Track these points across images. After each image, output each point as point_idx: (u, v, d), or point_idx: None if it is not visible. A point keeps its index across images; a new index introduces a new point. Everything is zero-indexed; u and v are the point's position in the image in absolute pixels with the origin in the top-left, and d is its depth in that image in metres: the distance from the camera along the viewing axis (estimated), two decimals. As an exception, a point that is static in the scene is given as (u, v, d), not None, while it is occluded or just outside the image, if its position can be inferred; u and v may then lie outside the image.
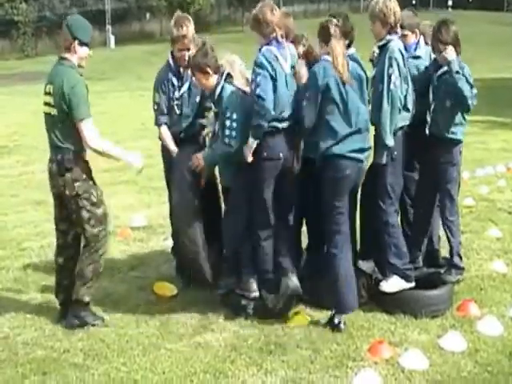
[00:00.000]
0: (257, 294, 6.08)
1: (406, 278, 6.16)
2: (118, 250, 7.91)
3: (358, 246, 6.53)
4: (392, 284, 6.16)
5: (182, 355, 5.42)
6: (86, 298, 5.89)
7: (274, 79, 5.65)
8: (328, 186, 5.78)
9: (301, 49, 6.25)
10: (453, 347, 5.49)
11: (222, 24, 54.48)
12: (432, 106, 6.36)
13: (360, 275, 6.33)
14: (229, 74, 6.00)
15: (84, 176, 5.82)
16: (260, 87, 5.59)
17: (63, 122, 5.69)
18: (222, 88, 5.90)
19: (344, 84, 5.69)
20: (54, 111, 5.68)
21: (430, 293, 6.16)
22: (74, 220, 5.83)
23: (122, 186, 11.22)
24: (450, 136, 6.36)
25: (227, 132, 5.76)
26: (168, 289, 6.61)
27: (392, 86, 5.90)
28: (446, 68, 6.24)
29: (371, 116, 6.01)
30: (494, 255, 7.66)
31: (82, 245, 5.88)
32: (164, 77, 6.72)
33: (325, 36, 5.80)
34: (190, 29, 6.43)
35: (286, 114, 5.77)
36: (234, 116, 5.75)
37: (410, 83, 6.14)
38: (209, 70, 5.90)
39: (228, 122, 5.76)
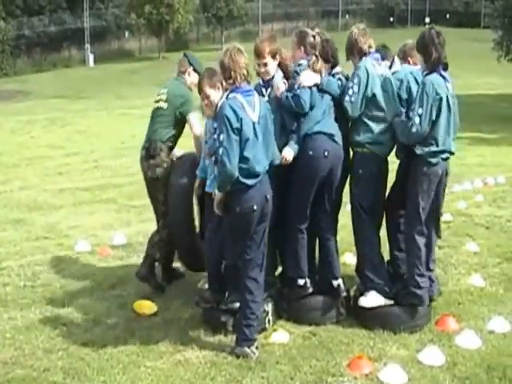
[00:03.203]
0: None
1: (385, 295, 6.22)
2: (98, 268, 7.90)
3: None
4: (370, 299, 6.21)
5: (162, 373, 5.42)
6: (158, 255, 7.16)
7: (239, 130, 5.43)
8: None
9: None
10: (431, 361, 5.54)
11: (201, 42, 54.66)
12: None
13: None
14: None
15: (165, 164, 6.92)
16: (223, 148, 5.41)
17: (167, 116, 6.99)
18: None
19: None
20: (164, 105, 6.99)
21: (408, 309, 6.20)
22: (150, 197, 7.14)
23: (101, 204, 11.21)
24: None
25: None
26: (148, 307, 6.60)
27: (346, 98, 6.11)
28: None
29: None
30: (472, 270, 7.73)
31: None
32: None
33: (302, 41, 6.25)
34: None
35: (259, 167, 5.57)
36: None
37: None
38: (218, 84, 5.87)
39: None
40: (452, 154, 6.25)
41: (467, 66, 37.49)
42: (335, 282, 6.34)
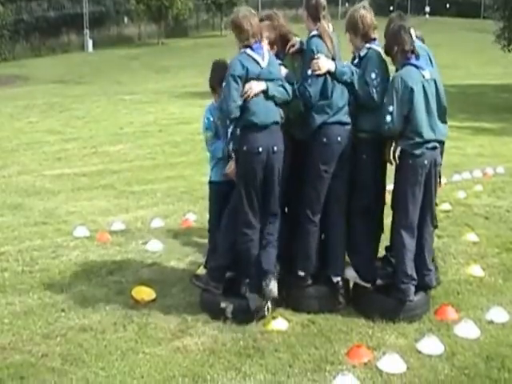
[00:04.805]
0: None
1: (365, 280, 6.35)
2: (96, 254, 7.88)
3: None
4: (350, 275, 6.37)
5: (161, 359, 5.41)
6: None
7: (242, 78, 5.77)
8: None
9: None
10: (430, 351, 5.54)
11: (200, 29, 54.51)
12: None
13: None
14: None
15: None
16: (223, 92, 5.86)
17: None
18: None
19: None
20: None
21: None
22: None
23: (99, 190, 11.17)
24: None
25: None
26: (146, 293, 6.58)
27: (372, 90, 6.10)
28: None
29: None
30: (471, 259, 7.73)
31: None
32: None
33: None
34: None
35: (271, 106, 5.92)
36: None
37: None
38: None
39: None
40: (440, 142, 6.17)
41: (467, 56, 37.50)
42: (335, 279, 6.32)
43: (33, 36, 45.60)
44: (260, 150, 5.84)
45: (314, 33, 6.14)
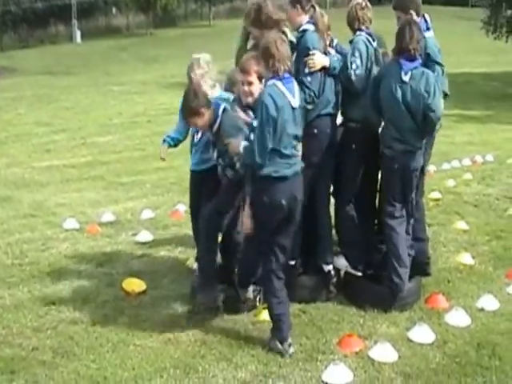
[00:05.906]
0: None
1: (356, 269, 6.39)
2: (86, 246, 7.86)
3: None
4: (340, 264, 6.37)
5: (152, 351, 5.40)
6: None
7: (274, 120, 5.16)
8: None
9: None
10: (421, 339, 5.55)
11: (189, 19, 54.31)
12: None
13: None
14: (225, 109, 5.71)
15: None
16: (255, 136, 5.21)
17: None
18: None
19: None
20: None
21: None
22: None
23: (89, 181, 11.15)
24: None
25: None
26: (137, 285, 6.57)
27: (352, 72, 6.05)
28: None
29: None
30: (461, 247, 7.75)
31: None
32: None
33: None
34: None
35: (294, 157, 5.44)
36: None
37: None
38: (203, 110, 5.58)
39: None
40: (416, 147, 6.09)
41: (455, 44, 37.48)
42: (326, 268, 6.31)
43: (20, 27, 45.36)
44: (283, 202, 5.30)
45: (306, 27, 6.02)
